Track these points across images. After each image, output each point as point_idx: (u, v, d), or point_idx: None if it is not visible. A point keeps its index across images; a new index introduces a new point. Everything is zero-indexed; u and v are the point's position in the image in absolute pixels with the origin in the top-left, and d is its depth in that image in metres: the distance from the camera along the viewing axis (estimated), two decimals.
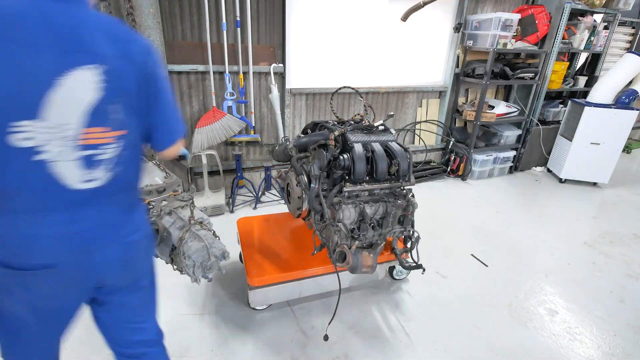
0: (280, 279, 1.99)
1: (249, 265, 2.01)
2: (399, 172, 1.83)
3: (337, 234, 1.80)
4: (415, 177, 4.22)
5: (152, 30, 2.58)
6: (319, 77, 3.77)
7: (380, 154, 1.80)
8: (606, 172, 4.27)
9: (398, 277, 2.46)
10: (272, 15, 3.34)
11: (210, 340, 1.95)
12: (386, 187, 1.90)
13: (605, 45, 4.61)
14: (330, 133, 1.85)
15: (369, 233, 1.85)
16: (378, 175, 1.81)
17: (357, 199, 1.87)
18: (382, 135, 1.95)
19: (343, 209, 1.79)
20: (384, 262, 2.24)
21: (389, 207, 1.88)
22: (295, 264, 2.06)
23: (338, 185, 1.83)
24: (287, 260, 2.10)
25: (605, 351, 2.02)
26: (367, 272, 1.81)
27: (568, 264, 2.81)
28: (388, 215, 1.88)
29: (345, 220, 1.81)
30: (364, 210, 1.82)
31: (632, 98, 4.01)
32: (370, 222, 1.85)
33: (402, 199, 1.92)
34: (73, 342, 1.88)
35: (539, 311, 2.29)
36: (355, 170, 1.76)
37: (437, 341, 2.02)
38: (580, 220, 3.57)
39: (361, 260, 1.78)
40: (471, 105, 4.41)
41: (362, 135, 1.89)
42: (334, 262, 1.79)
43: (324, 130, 1.99)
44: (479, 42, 4.03)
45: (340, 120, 2.10)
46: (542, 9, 4.14)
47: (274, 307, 2.19)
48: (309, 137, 2.00)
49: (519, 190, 4.24)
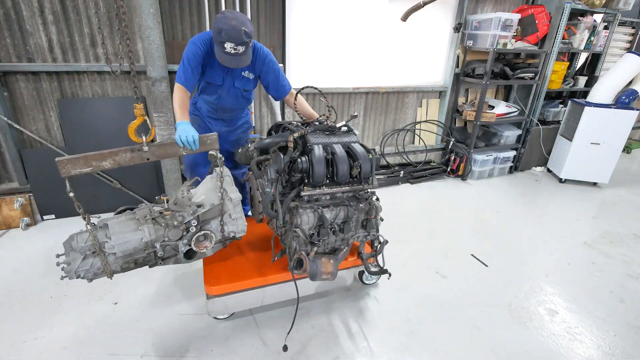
0: (240, 287, 1.89)
1: (207, 273, 1.92)
2: (361, 174, 1.77)
3: (296, 240, 1.74)
4: (415, 177, 4.24)
5: (152, 30, 2.58)
6: (319, 77, 3.77)
7: (341, 156, 1.73)
8: (606, 172, 4.27)
9: (368, 282, 2.40)
10: (272, 15, 3.34)
11: (211, 339, 1.95)
12: (347, 190, 1.82)
13: (605, 45, 4.61)
14: (290, 135, 1.79)
15: (330, 238, 1.79)
16: (339, 178, 1.74)
17: (316, 203, 1.80)
18: (345, 136, 1.87)
19: (301, 213, 1.73)
20: (351, 267, 2.15)
21: (351, 211, 1.82)
22: (257, 271, 1.96)
23: (296, 189, 1.76)
24: (249, 267, 2.00)
25: (605, 351, 2.02)
26: (328, 279, 1.75)
27: (568, 264, 2.81)
28: (350, 220, 1.83)
29: (303, 225, 1.74)
30: (323, 214, 1.75)
31: (632, 98, 4.01)
32: (331, 227, 1.79)
33: (364, 203, 1.86)
34: (74, 341, 1.89)
35: (539, 311, 2.29)
36: (314, 173, 1.69)
37: (437, 341, 2.02)
38: (580, 220, 3.57)
39: (320, 267, 1.71)
40: (471, 105, 4.41)
41: (324, 137, 1.82)
42: (291, 270, 1.73)
43: (286, 132, 1.92)
44: (479, 42, 4.03)
45: (304, 122, 2.04)
46: (542, 9, 4.14)
47: (238, 315, 2.11)
48: (270, 139, 1.92)
49: (519, 190, 4.24)
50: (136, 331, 1.98)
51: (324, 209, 1.79)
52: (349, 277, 2.20)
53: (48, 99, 2.89)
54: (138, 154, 1.58)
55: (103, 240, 1.59)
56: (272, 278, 1.95)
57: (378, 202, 1.94)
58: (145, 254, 1.68)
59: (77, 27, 2.79)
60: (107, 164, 1.53)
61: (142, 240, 1.62)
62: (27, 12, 2.63)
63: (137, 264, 1.72)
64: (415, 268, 2.64)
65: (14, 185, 2.97)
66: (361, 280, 2.40)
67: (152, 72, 2.70)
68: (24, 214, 2.92)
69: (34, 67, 2.73)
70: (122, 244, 1.58)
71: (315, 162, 1.68)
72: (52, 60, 2.80)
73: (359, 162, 1.74)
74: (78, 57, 2.86)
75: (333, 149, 1.76)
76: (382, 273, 2.05)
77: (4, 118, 2.73)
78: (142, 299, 2.21)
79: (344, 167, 1.72)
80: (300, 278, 1.88)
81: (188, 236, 1.70)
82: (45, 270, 2.39)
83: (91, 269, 1.60)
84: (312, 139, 1.78)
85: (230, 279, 1.90)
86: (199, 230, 1.72)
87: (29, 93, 2.82)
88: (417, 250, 2.78)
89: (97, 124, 2.99)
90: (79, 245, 1.57)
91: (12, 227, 2.91)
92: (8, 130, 2.79)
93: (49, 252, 2.59)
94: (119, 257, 1.62)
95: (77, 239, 1.58)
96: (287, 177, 1.80)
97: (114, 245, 1.57)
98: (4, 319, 2.02)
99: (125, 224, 1.62)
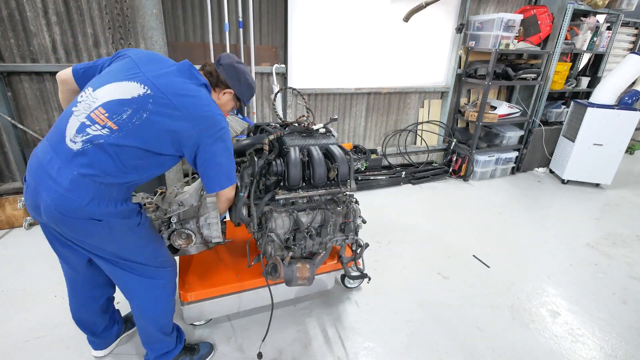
0: (215, 292, 1.84)
1: (182, 279, 1.87)
2: (338, 177, 1.73)
3: (270, 244, 1.71)
4: (417, 178, 4.23)
5: (155, 31, 2.59)
6: (321, 77, 3.77)
7: (318, 159, 1.68)
8: (609, 173, 4.26)
9: (350, 285, 2.37)
10: (274, 16, 3.35)
11: (211, 339, 1.95)
12: (324, 193, 1.78)
13: (608, 46, 4.59)
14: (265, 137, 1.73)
15: (307, 243, 1.77)
16: (315, 181, 1.69)
17: (292, 207, 1.76)
18: (323, 138, 1.83)
19: (275, 217, 1.69)
20: (332, 271, 2.10)
21: (328, 214, 1.78)
22: (234, 276, 1.91)
23: (271, 192, 1.72)
24: (226, 272, 1.94)
25: (607, 353, 2.01)
26: (304, 284, 1.71)
27: (570, 265, 2.80)
28: (327, 223, 1.79)
29: (278, 229, 1.71)
30: (298, 218, 1.72)
31: (635, 99, 4.00)
32: (308, 231, 1.76)
33: (342, 206, 1.83)
34: (73, 341, 1.89)
35: (541, 313, 2.29)
36: (289, 176, 1.65)
37: (438, 342, 2.01)
38: (583, 221, 3.55)
39: (296, 272, 1.68)
40: (473, 106, 4.40)
41: (301, 139, 1.77)
42: (265, 275, 1.70)
43: (264, 134, 1.86)
44: (481, 42, 4.02)
45: (284, 123, 2.01)
46: (544, 9, 4.13)
47: (215, 322, 2.06)
48: (247, 141, 1.86)
49: (521, 191, 4.23)
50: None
51: (300, 213, 1.76)
52: (330, 281, 2.15)
53: (51, 99, 2.90)
54: None
55: None
56: (249, 283, 1.90)
57: (357, 205, 1.91)
58: None
59: (81, 27, 2.80)
60: None
61: None
62: (31, 13, 2.64)
63: None
64: (417, 269, 2.64)
65: (17, 184, 2.98)
66: (343, 283, 2.37)
67: None
68: (27, 214, 2.94)
69: (37, 67, 2.75)
70: None
71: (290, 165, 1.65)
72: (56, 61, 2.81)
73: (337, 165, 1.70)
74: (81, 57, 2.87)
75: (310, 151, 1.72)
76: (362, 277, 2.03)
77: (8, 118, 2.75)
78: None
79: (321, 170, 1.68)
80: (276, 283, 1.84)
81: (168, 232, 1.70)
82: (48, 270, 2.40)
83: None
84: (289, 141, 1.74)
85: (205, 285, 1.84)
86: (180, 228, 1.72)
87: (33, 93, 2.84)
88: (419, 251, 2.77)
89: None
90: None
91: (15, 227, 2.93)
92: (12, 130, 2.80)
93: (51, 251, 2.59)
94: None
95: None
96: (264, 180, 1.75)
97: None
98: (6, 318, 2.03)
99: None
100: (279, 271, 1.65)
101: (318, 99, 3.84)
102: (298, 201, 1.80)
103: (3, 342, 1.88)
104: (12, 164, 2.96)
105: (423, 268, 2.65)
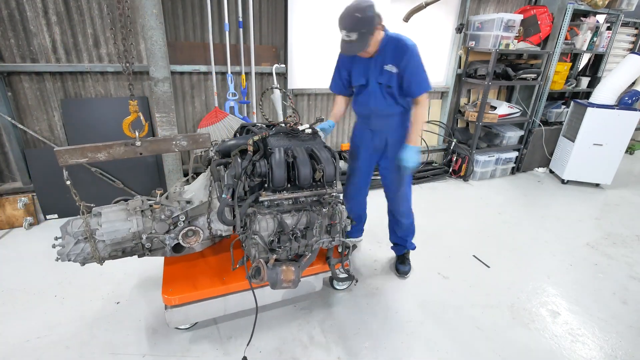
0: (200, 296, 1.81)
1: (165, 282, 1.85)
2: (324, 178, 1.71)
3: (255, 247, 1.69)
4: (417, 178, 4.23)
5: (155, 30, 2.59)
6: (321, 77, 3.77)
7: (303, 160, 1.67)
8: (609, 173, 4.26)
9: (339, 287, 2.35)
10: (274, 16, 3.35)
11: (211, 339, 1.95)
12: (310, 194, 1.77)
13: (608, 46, 4.59)
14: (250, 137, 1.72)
15: (292, 245, 1.75)
16: (300, 182, 1.68)
17: (277, 209, 1.74)
18: (309, 139, 1.82)
19: (259, 219, 1.68)
20: (320, 273, 2.09)
21: (313, 216, 1.76)
22: (219, 279, 1.88)
23: (254, 194, 1.71)
24: (211, 274, 1.92)
25: (607, 353, 2.01)
26: (289, 287, 1.70)
27: (570, 265, 2.80)
28: (312, 225, 1.77)
29: (262, 232, 1.69)
30: (282, 220, 1.70)
31: (635, 99, 4.00)
32: (293, 233, 1.74)
33: (328, 207, 1.82)
34: (73, 341, 1.89)
35: (541, 312, 2.29)
36: (273, 177, 1.63)
37: (438, 342, 2.01)
38: (583, 221, 3.55)
39: (280, 275, 1.66)
40: (473, 106, 4.40)
41: (286, 140, 1.76)
42: (249, 278, 1.68)
43: (249, 135, 1.84)
44: (481, 42, 4.02)
45: (270, 124, 2.00)
46: (544, 9, 4.13)
47: (202, 324, 2.04)
48: (234, 141, 1.83)
49: (521, 191, 4.23)
50: (138, 331, 1.99)
51: (285, 215, 1.74)
52: (318, 283, 2.13)
53: (51, 99, 2.90)
54: (131, 148, 1.64)
55: (95, 227, 1.63)
56: (234, 286, 1.87)
57: (343, 206, 1.90)
58: (132, 244, 1.71)
59: (81, 27, 2.80)
60: (102, 156, 1.59)
61: (130, 230, 1.65)
62: (31, 13, 2.64)
63: (125, 253, 1.75)
64: (417, 269, 2.64)
65: (17, 184, 2.98)
66: (332, 285, 2.36)
67: (155, 73, 2.71)
68: (27, 214, 2.94)
69: (37, 67, 2.75)
70: (111, 232, 1.62)
71: (274, 166, 1.63)
72: (56, 61, 2.81)
73: (322, 166, 1.68)
74: (81, 57, 2.88)
75: (295, 152, 1.70)
76: (350, 279, 2.02)
77: (8, 118, 2.75)
78: (144, 299, 2.22)
79: (306, 171, 1.66)
80: (261, 286, 1.82)
81: (176, 230, 1.72)
82: (48, 270, 2.40)
83: (82, 253, 1.65)
84: (274, 141, 1.73)
85: (189, 288, 1.81)
86: (187, 226, 1.73)
87: (33, 93, 2.84)
88: (419, 251, 2.77)
89: (100, 124, 3.00)
90: (72, 230, 1.62)
91: (15, 227, 2.93)
92: (12, 130, 2.81)
93: (51, 251, 2.58)
94: (107, 244, 1.66)
95: (72, 224, 1.64)
96: (248, 181, 1.73)
97: (103, 233, 1.61)
98: (7, 318, 2.03)
99: (117, 213, 1.66)
100: (263, 274, 1.63)
101: (318, 98, 3.84)
102: (283, 203, 1.78)
103: (3, 342, 1.88)
104: (12, 164, 2.96)
105: (423, 268, 2.65)
